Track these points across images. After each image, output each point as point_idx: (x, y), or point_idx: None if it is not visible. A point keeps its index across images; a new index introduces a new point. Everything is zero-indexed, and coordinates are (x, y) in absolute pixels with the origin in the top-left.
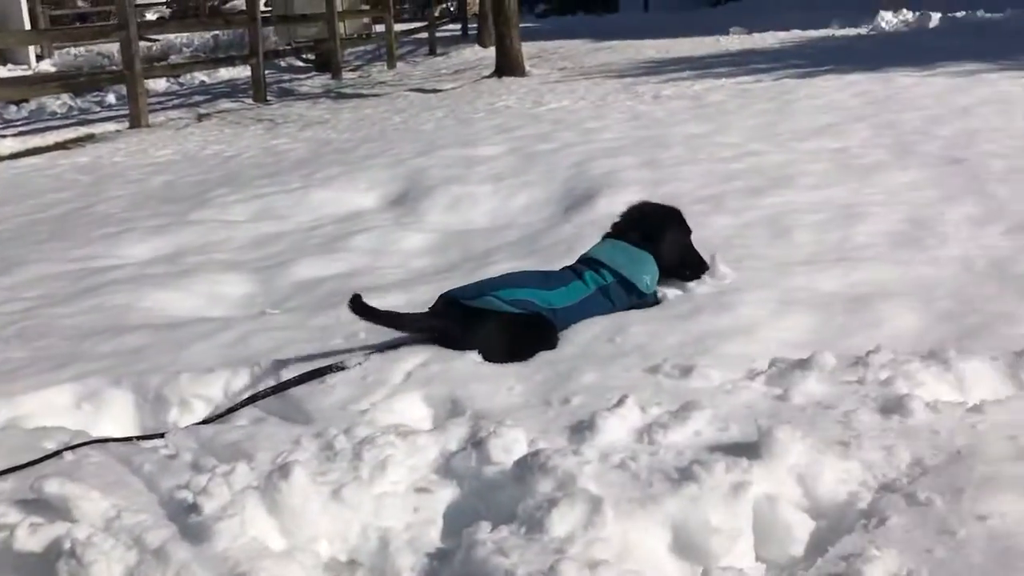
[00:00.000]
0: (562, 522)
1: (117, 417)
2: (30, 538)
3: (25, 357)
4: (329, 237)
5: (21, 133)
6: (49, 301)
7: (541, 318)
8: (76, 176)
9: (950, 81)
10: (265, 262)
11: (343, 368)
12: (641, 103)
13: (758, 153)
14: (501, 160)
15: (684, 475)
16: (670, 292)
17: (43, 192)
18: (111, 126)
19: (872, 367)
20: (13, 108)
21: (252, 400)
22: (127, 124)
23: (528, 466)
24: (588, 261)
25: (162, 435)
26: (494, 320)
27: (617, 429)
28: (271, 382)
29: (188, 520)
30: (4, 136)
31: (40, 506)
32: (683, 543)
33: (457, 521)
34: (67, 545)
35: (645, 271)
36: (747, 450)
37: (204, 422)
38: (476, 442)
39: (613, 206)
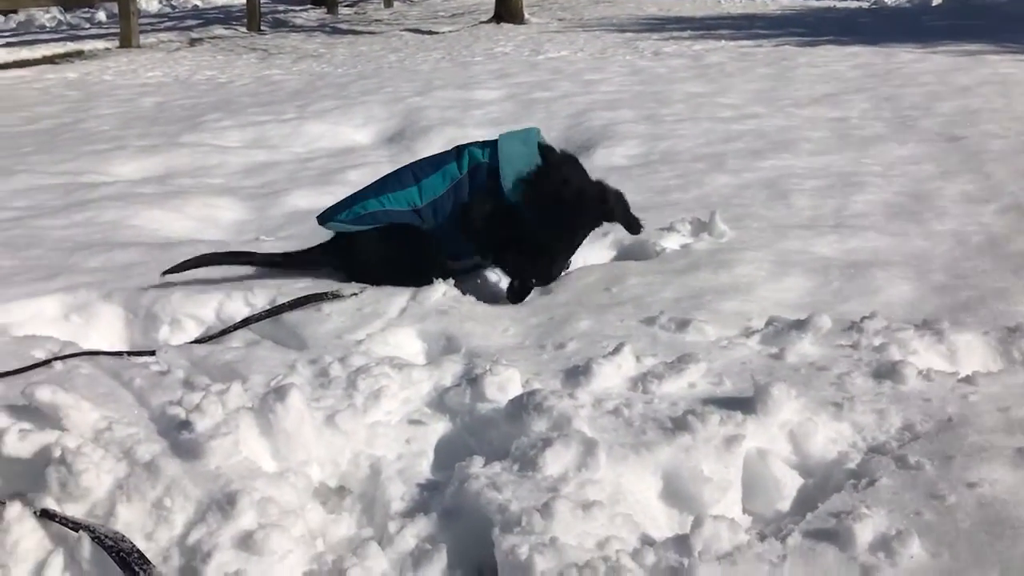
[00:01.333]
0: (555, 462)
1: (106, 331)
2: (19, 443)
3: (14, 266)
4: (323, 170)
5: (9, 44)
6: (37, 212)
7: (394, 229)
8: (64, 91)
9: (951, 60)
10: (259, 190)
11: (339, 296)
12: (641, 59)
13: (758, 116)
14: (498, 105)
15: (678, 425)
16: (668, 246)
17: (30, 105)
18: (101, 44)
19: (867, 332)
20: (1, 18)
21: (246, 323)
22: (117, 43)
23: (523, 405)
24: (483, 143)
25: (153, 352)
26: (344, 245)
27: (612, 376)
28: (265, 307)
29: (180, 436)
30: None
31: (30, 413)
32: (674, 491)
33: (449, 455)
34: (57, 453)
35: (517, 172)
36: (741, 405)
37: (197, 341)
38: (471, 379)
39: (611, 158)
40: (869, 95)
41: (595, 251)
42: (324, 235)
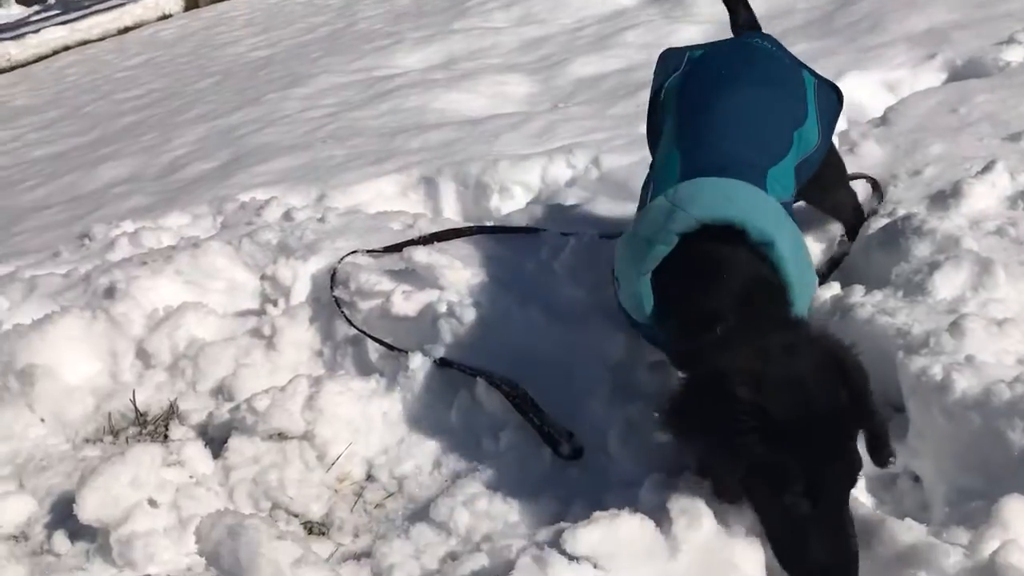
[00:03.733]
0: (947, 284)
1: (443, 204)
2: (405, 303)
3: (346, 154)
4: (597, 36)
5: None
6: (347, 107)
7: None
8: (325, 1)
9: None
10: (540, 63)
11: None
12: None
13: None
14: None
15: None
16: (1012, 59)
17: (301, 17)
18: None
19: None
20: None
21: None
22: None
23: (899, 230)
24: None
25: (538, 231)
26: None
27: (986, 196)
28: (587, 165)
29: None
30: None
31: (408, 276)
32: None
33: None
34: (443, 308)
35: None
36: None
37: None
38: None
39: None
40: None
41: (922, 75)
42: (618, 94)
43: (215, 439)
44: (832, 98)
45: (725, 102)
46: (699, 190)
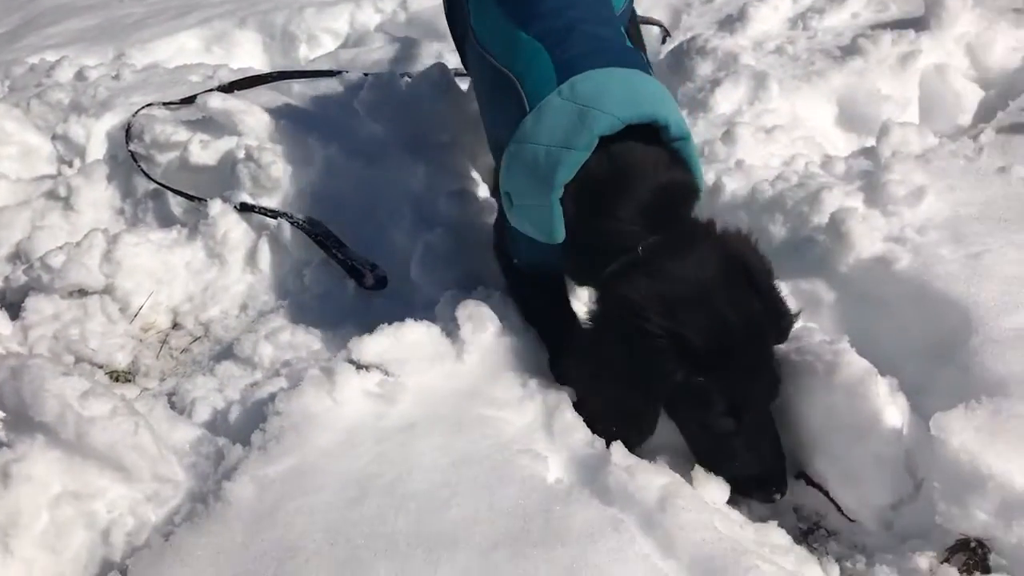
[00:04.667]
0: (727, 100)
1: (247, 57)
2: (203, 152)
3: (144, 12)
4: None
5: None
6: None
7: None
8: None
9: None
10: None
11: None
12: None
13: None
14: None
15: (848, 51)
16: None
17: None
18: None
19: None
20: None
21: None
22: None
23: (684, 51)
24: None
25: (339, 73)
26: None
27: (770, 18)
28: (394, 10)
29: None
30: None
31: (205, 124)
32: (850, 116)
33: None
34: (241, 153)
35: None
36: (913, 23)
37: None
38: None
39: None
40: None
41: None
42: None
43: (14, 303)
44: None
45: None
46: (603, 86)
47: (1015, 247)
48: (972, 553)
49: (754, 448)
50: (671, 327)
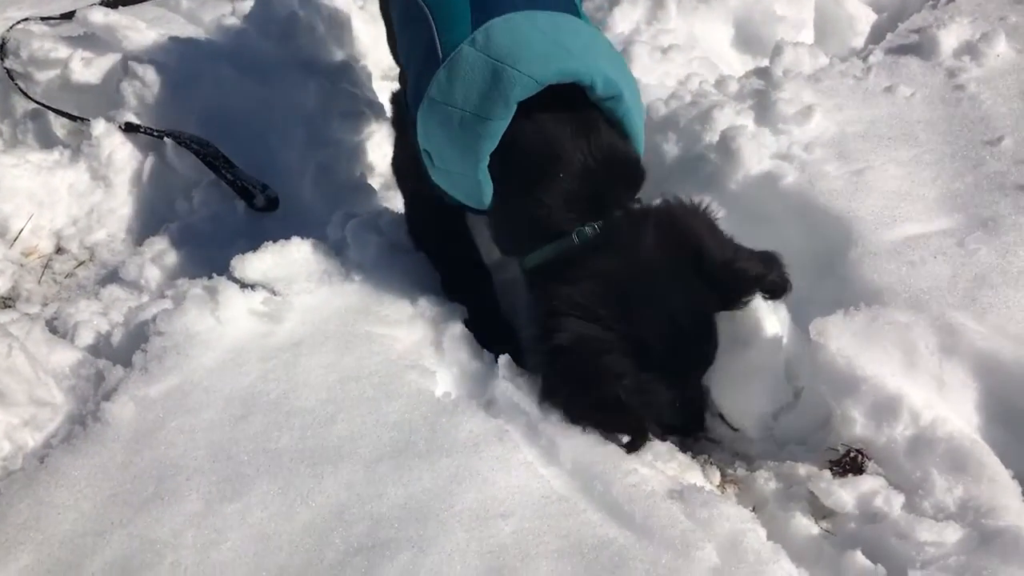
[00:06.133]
0: (625, 20)
1: None
2: (86, 70)
3: None
4: None
5: None
6: None
7: None
8: None
9: None
10: None
11: None
12: None
13: None
14: None
15: None
16: None
17: None
18: None
19: None
20: None
21: None
22: None
23: None
24: None
25: None
26: None
27: None
28: None
29: None
30: None
31: (87, 40)
32: (746, 37)
33: None
34: (126, 71)
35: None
36: None
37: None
38: None
39: None
40: None
41: None
42: None
43: None
44: None
45: None
46: (522, 36)
47: (897, 164)
48: (852, 461)
49: (685, 406)
50: (619, 330)
